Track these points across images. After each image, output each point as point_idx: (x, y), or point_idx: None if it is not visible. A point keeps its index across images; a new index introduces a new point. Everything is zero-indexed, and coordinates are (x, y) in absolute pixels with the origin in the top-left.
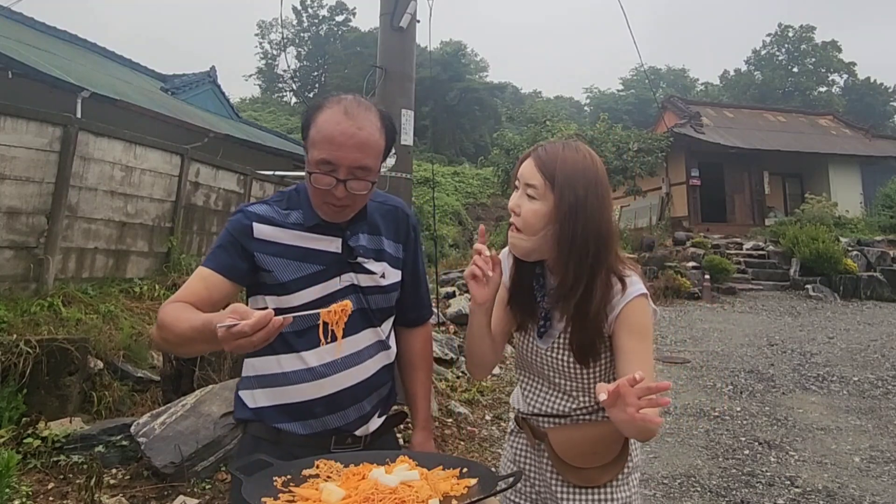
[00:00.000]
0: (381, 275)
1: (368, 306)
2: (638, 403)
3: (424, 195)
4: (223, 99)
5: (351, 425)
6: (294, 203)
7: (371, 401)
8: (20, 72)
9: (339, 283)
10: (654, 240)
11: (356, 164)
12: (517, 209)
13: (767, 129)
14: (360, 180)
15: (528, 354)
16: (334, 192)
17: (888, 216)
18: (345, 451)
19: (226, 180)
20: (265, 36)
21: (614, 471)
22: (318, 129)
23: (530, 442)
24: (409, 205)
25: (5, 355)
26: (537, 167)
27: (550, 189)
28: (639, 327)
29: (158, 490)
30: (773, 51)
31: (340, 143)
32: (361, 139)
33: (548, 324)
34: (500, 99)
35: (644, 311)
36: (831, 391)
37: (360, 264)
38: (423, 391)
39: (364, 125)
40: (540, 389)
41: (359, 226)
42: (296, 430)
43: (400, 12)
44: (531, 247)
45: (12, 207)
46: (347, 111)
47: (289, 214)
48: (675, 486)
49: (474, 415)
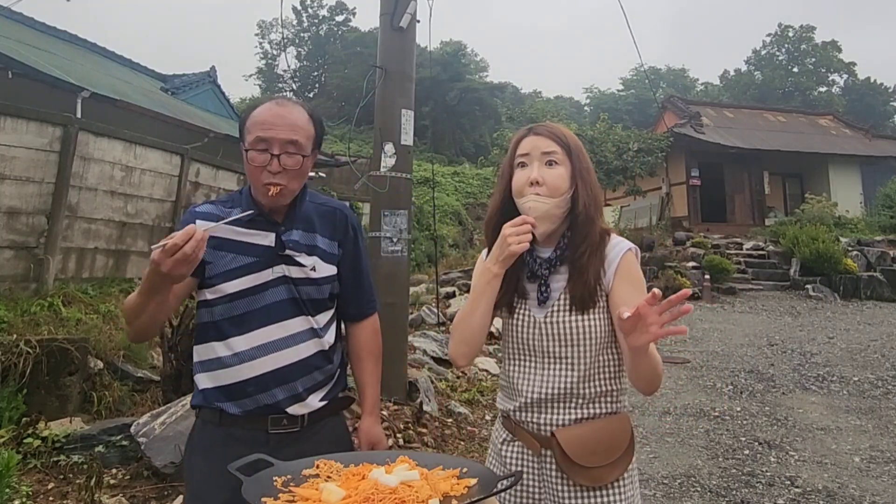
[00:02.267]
0: (312, 268)
1: (299, 296)
2: (660, 320)
3: (424, 195)
4: (223, 99)
5: (281, 403)
6: (236, 202)
7: (304, 383)
8: (20, 72)
9: (270, 274)
10: (654, 240)
11: (287, 139)
12: (540, 179)
13: (767, 129)
14: (291, 155)
15: (523, 331)
16: (269, 168)
17: (888, 216)
18: (281, 432)
19: (226, 180)
20: (265, 36)
21: (622, 468)
22: (252, 119)
23: (529, 446)
24: (348, 206)
25: (5, 355)
26: (550, 138)
27: (567, 154)
28: (635, 277)
29: (158, 490)
30: (773, 51)
31: (272, 122)
32: (291, 120)
33: (546, 290)
34: (500, 99)
35: (635, 263)
36: (831, 391)
37: (290, 257)
38: (371, 379)
39: (293, 111)
40: (536, 370)
41: (294, 223)
42: (232, 410)
43: (400, 12)
44: (558, 213)
45: (12, 207)
46: (277, 102)
47: (230, 212)
48: (675, 486)
49: (474, 415)
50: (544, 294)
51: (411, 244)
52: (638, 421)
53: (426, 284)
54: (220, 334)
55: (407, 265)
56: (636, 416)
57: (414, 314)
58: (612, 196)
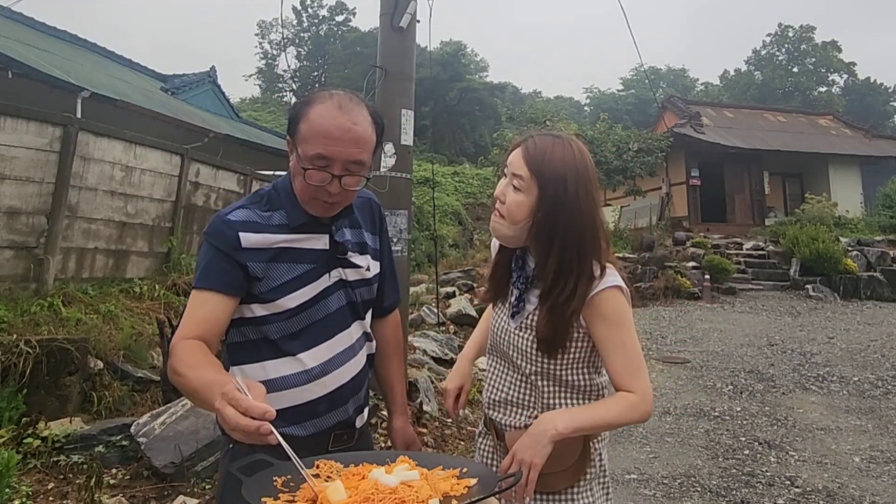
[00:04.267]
0: (367, 268)
1: (356, 299)
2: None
3: (424, 195)
4: (223, 99)
5: (352, 417)
6: (275, 203)
7: (364, 391)
8: (20, 72)
9: (328, 280)
10: (654, 240)
11: (351, 159)
12: (502, 197)
13: (767, 129)
14: (354, 175)
15: (498, 333)
16: (328, 188)
17: (888, 216)
18: (341, 449)
19: (226, 180)
20: (265, 36)
21: (573, 477)
22: (310, 124)
23: (495, 443)
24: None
25: (5, 355)
26: (525, 160)
27: (536, 183)
28: (610, 314)
29: (158, 490)
30: (773, 51)
31: (336, 137)
32: (357, 134)
33: (521, 305)
34: (500, 99)
35: (615, 299)
36: (831, 391)
37: (347, 259)
38: (398, 377)
39: (358, 120)
40: (504, 375)
41: (342, 221)
42: (295, 433)
43: (400, 12)
44: (511, 234)
45: (12, 207)
46: (341, 106)
47: (271, 216)
48: (675, 486)
49: (474, 415)
50: (516, 307)
51: (411, 244)
52: None
53: (426, 284)
54: (278, 352)
55: (407, 265)
56: None
57: (414, 314)
58: (612, 196)
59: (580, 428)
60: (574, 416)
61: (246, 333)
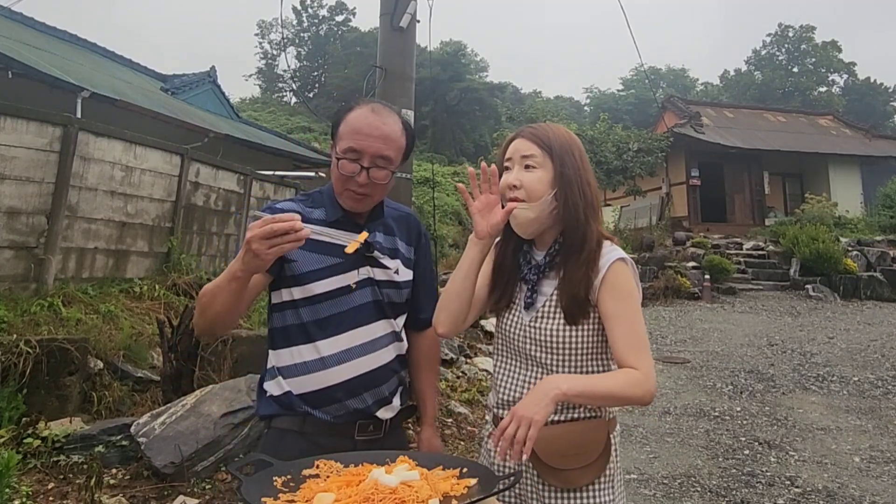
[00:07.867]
0: (395, 271)
1: (383, 299)
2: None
3: (424, 195)
4: (223, 99)
5: (371, 408)
6: (318, 202)
7: (389, 386)
8: (20, 72)
9: (357, 276)
10: (654, 240)
11: (379, 153)
12: (517, 183)
13: (767, 129)
14: (381, 169)
15: (510, 331)
16: (357, 178)
17: (888, 216)
18: (367, 438)
19: (226, 180)
20: (265, 36)
21: (596, 472)
22: (347, 123)
23: None
24: (410, 205)
25: (5, 355)
26: (531, 140)
27: (548, 156)
28: (621, 288)
29: (158, 490)
30: (773, 51)
31: (366, 133)
32: (385, 132)
33: (534, 295)
34: (500, 99)
35: (625, 273)
36: (831, 391)
37: (375, 259)
38: (431, 390)
39: (388, 121)
40: (517, 374)
41: (376, 225)
42: (320, 417)
43: (400, 12)
44: (533, 216)
45: (12, 207)
46: (374, 109)
47: (312, 211)
48: (675, 486)
49: (474, 415)
50: (530, 299)
51: None
52: (638, 421)
53: None
54: (308, 337)
55: None
56: (636, 416)
57: None
58: (612, 196)
59: (584, 393)
60: (579, 380)
61: (284, 318)
